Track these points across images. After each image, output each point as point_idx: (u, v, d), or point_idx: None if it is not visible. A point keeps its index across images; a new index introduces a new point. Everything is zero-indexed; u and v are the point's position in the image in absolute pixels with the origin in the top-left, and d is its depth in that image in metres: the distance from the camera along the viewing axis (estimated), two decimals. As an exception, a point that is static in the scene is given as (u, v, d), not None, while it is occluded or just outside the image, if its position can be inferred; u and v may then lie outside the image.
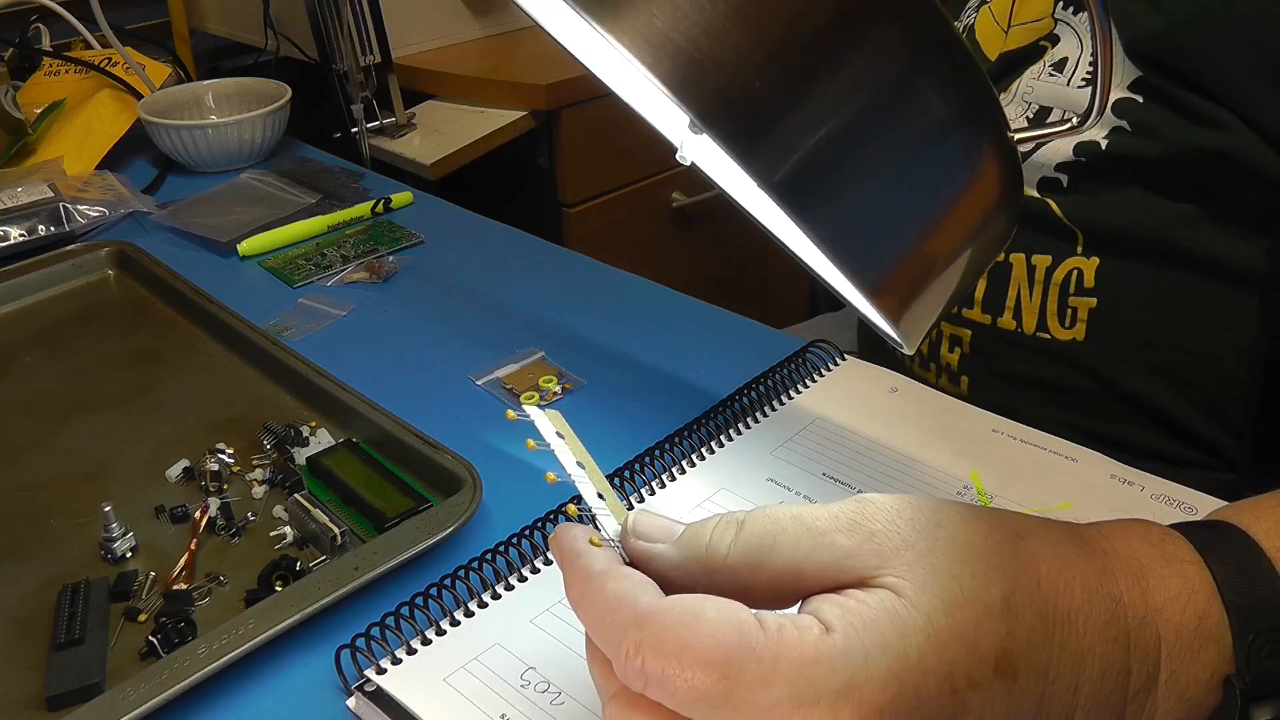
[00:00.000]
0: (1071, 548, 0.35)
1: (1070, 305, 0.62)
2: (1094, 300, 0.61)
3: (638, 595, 0.33)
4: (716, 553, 0.35)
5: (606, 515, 0.38)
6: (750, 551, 0.34)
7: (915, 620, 0.31)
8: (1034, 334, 0.64)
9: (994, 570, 0.33)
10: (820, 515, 0.34)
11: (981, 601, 0.32)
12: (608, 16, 0.30)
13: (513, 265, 0.82)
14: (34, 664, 0.47)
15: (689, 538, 0.36)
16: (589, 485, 0.39)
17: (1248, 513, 0.37)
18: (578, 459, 0.39)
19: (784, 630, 0.31)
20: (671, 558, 0.35)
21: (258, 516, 0.56)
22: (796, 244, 0.47)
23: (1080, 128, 0.39)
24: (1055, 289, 0.62)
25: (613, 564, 0.35)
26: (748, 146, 0.31)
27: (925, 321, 0.39)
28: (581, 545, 0.36)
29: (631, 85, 0.47)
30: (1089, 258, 0.61)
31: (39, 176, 0.92)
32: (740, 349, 0.68)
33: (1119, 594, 0.34)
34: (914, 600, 0.32)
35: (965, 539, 0.34)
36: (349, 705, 0.44)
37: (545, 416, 0.40)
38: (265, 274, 0.82)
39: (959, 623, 0.32)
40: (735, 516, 0.35)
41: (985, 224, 0.38)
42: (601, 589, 0.34)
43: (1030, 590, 0.33)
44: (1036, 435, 0.57)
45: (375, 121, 1.27)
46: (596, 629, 0.34)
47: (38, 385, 0.69)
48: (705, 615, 0.32)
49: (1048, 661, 0.32)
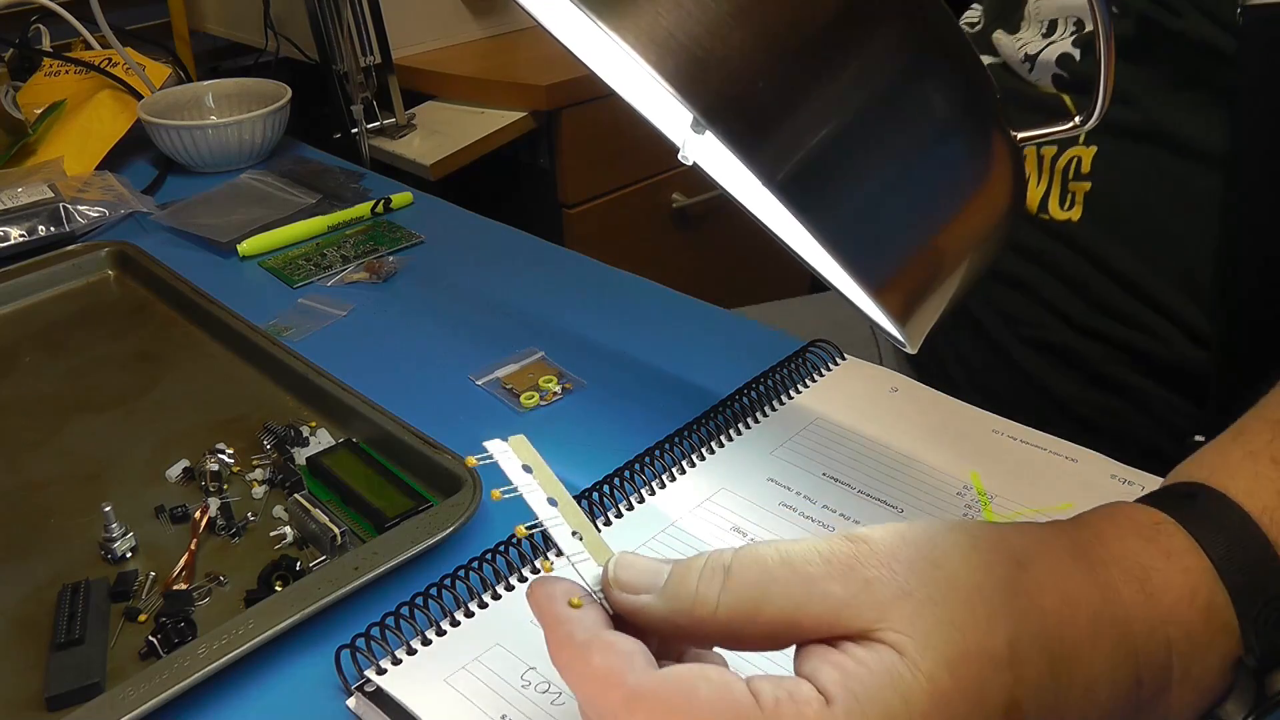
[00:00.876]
0: (1072, 567, 0.34)
1: (1070, 189, 0.66)
2: (1089, 184, 0.65)
3: (625, 672, 0.32)
4: (705, 605, 0.33)
5: (585, 559, 0.35)
6: (741, 603, 0.32)
7: (919, 683, 0.30)
8: (1036, 214, 0.68)
9: (997, 614, 0.32)
10: (812, 559, 0.33)
11: (987, 653, 0.31)
12: (612, 15, 0.30)
13: (513, 265, 0.82)
14: (34, 664, 0.47)
15: (675, 587, 0.34)
16: (563, 527, 0.36)
17: (1221, 471, 0.37)
18: (550, 495, 0.36)
19: (781, 705, 0.30)
20: (659, 611, 0.34)
21: (258, 516, 0.56)
22: (800, 244, 0.47)
23: (1082, 127, 0.39)
24: (1058, 175, 0.66)
25: (597, 630, 0.33)
26: (752, 145, 0.31)
27: (928, 320, 0.39)
28: (560, 609, 0.34)
29: (634, 84, 0.47)
30: (1088, 146, 0.65)
31: (39, 177, 0.92)
32: (740, 349, 0.68)
33: (1124, 613, 0.33)
34: (916, 660, 0.30)
35: (965, 579, 0.32)
36: (349, 705, 0.44)
37: (509, 449, 0.37)
38: (265, 274, 0.82)
39: (964, 679, 0.30)
40: (721, 560, 0.34)
41: (988, 221, 0.38)
42: (587, 662, 0.32)
43: (1036, 630, 0.32)
44: (1036, 435, 0.57)
45: (375, 122, 1.27)
46: (585, 704, 0.33)
47: (38, 385, 0.69)
48: (699, 693, 0.30)
49: (1056, 700, 0.32)
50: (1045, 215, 0.67)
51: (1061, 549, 0.35)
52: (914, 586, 0.32)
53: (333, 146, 1.13)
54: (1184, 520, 0.35)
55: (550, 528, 0.36)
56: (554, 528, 0.36)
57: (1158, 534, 0.35)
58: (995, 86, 0.35)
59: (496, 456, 0.37)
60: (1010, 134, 0.37)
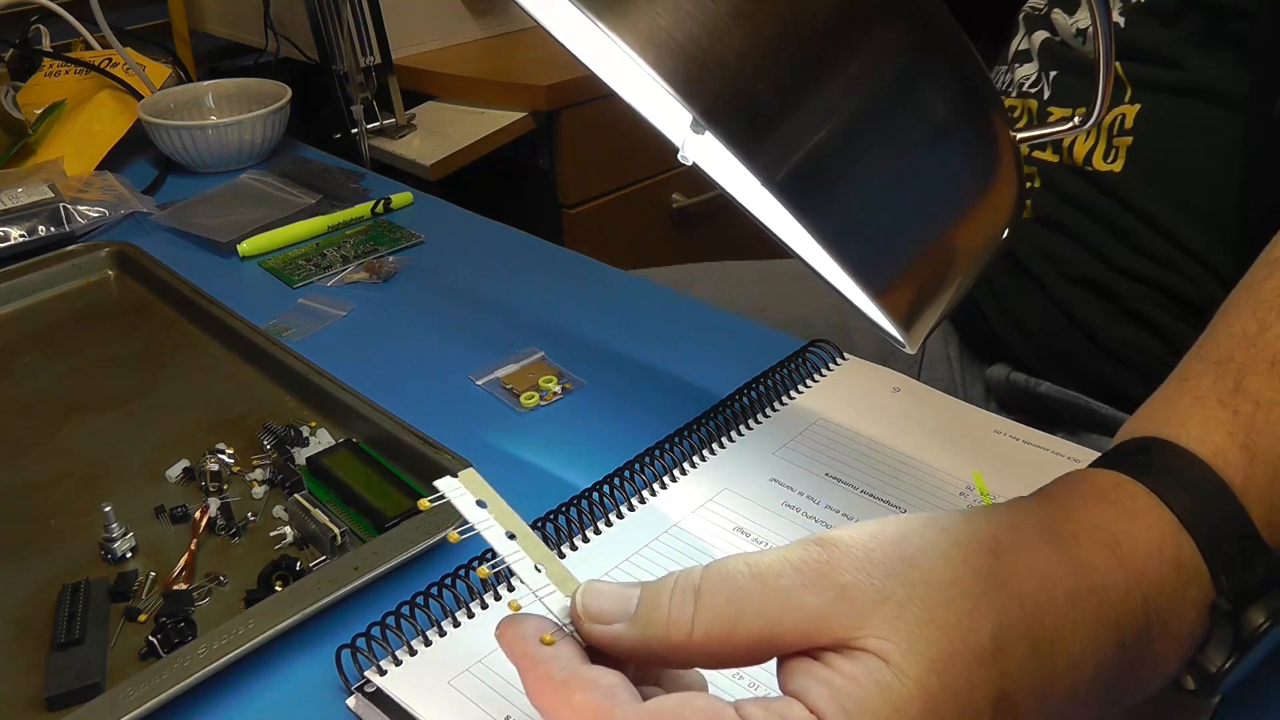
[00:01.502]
0: (1045, 549, 0.34)
1: (1114, 144, 0.68)
2: (1130, 139, 0.67)
3: (611, 709, 0.31)
4: (680, 630, 0.32)
5: (551, 592, 0.35)
6: (715, 625, 0.32)
7: (908, 691, 0.30)
8: (1081, 164, 0.70)
9: (978, 608, 0.31)
10: (783, 570, 0.32)
11: (971, 650, 0.31)
12: (611, 15, 0.30)
13: (513, 265, 0.82)
14: (34, 664, 0.47)
15: (647, 614, 0.33)
16: (525, 561, 0.35)
17: (1172, 422, 0.37)
18: (508, 529, 0.36)
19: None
20: (631, 639, 0.33)
21: (258, 516, 0.56)
22: (800, 244, 0.47)
23: (1082, 127, 0.39)
24: (1104, 131, 0.69)
25: (574, 666, 0.33)
26: (751, 145, 0.31)
27: (928, 321, 0.39)
28: (534, 650, 0.34)
29: (633, 85, 0.47)
30: (1133, 104, 0.68)
31: (39, 177, 0.92)
32: (740, 349, 0.68)
33: (1099, 583, 0.33)
34: (903, 668, 0.30)
35: (942, 575, 0.32)
36: (349, 705, 0.44)
37: (460, 485, 0.37)
38: (265, 274, 0.82)
39: (952, 681, 0.30)
40: (690, 580, 0.33)
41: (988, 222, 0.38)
42: (569, 702, 0.32)
43: (1016, 619, 0.32)
44: (1039, 436, 0.57)
45: (375, 122, 1.27)
46: None
47: (38, 385, 0.69)
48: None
49: (1044, 685, 0.32)
50: (1090, 167, 0.69)
51: (1032, 531, 0.35)
52: (892, 588, 0.31)
53: (333, 146, 1.13)
54: (1141, 477, 0.36)
55: (512, 563, 0.36)
56: (516, 563, 0.36)
57: (1119, 495, 0.36)
58: (993, 86, 0.35)
59: (449, 495, 0.37)
60: (1010, 134, 0.37)
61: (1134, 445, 0.38)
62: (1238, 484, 0.35)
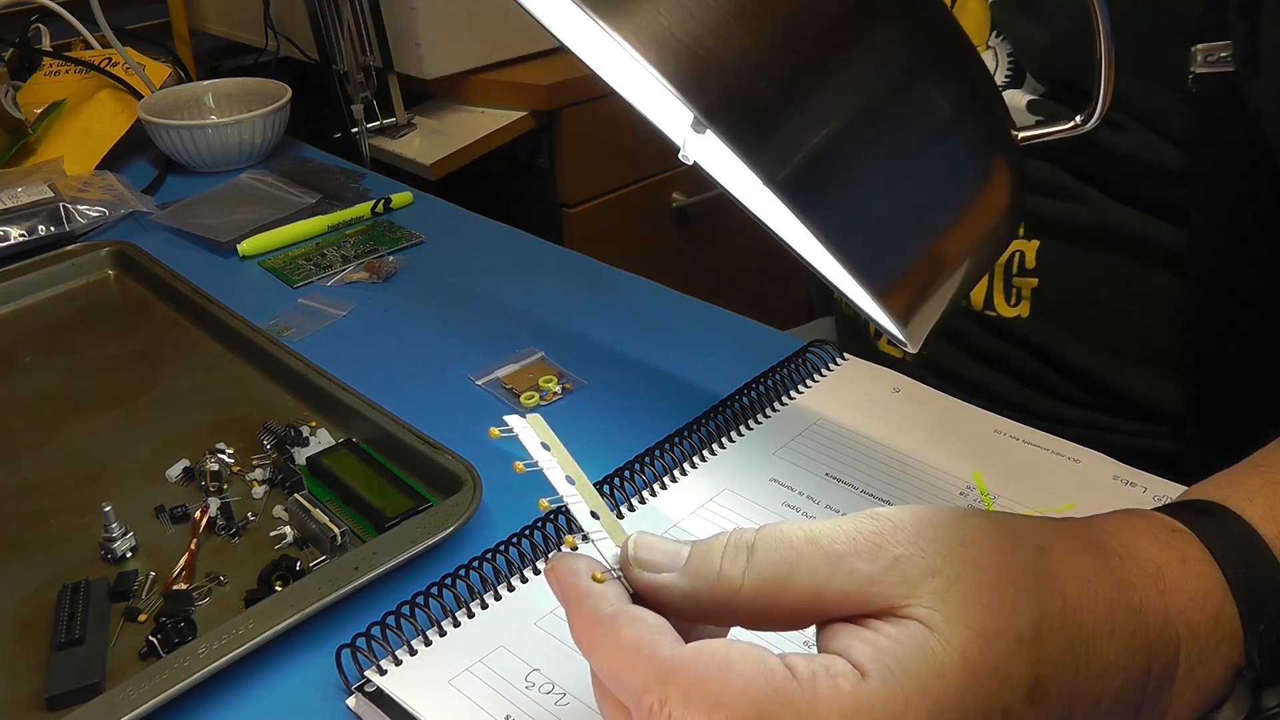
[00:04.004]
0: (1090, 557, 0.34)
1: (1015, 285, 0.66)
2: (1035, 280, 0.65)
3: (658, 644, 0.31)
4: (730, 583, 0.33)
5: (604, 538, 0.35)
6: (766, 581, 0.32)
7: (951, 658, 0.30)
8: (982, 310, 0.67)
9: (1023, 594, 0.32)
10: (837, 537, 0.33)
11: (1014, 630, 0.31)
12: (613, 14, 0.30)
13: (513, 265, 0.82)
14: (34, 664, 0.47)
15: (697, 566, 0.33)
16: (582, 504, 0.36)
17: (1240, 494, 0.37)
18: (567, 474, 0.37)
19: (818, 679, 0.30)
20: (681, 589, 0.33)
21: (258, 516, 0.56)
22: (801, 244, 0.47)
23: (1083, 126, 0.39)
24: (1000, 270, 0.66)
25: (622, 604, 0.33)
26: (753, 144, 0.31)
27: (930, 320, 0.39)
28: (585, 584, 0.34)
29: (634, 84, 0.47)
30: (1029, 240, 0.65)
31: (39, 176, 0.92)
32: (740, 349, 0.68)
33: (1139, 603, 0.34)
34: (947, 636, 0.30)
35: (991, 560, 0.32)
36: (349, 705, 0.44)
37: (529, 425, 0.37)
38: (265, 274, 0.82)
39: (993, 656, 0.31)
40: (745, 539, 0.33)
41: (990, 222, 0.38)
42: (616, 636, 0.32)
43: (1057, 612, 0.32)
44: (1039, 436, 0.57)
45: (375, 122, 1.27)
46: (614, 679, 0.32)
47: (38, 385, 0.69)
48: (734, 667, 0.30)
49: (1075, 682, 0.32)
50: (992, 312, 0.67)
51: (1076, 538, 0.35)
52: (941, 565, 0.32)
53: (333, 146, 1.13)
54: (1199, 531, 0.36)
55: (570, 504, 0.36)
56: (574, 505, 0.36)
57: (1173, 540, 0.36)
58: (995, 85, 0.35)
59: (518, 431, 0.37)
60: (1012, 133, 0.37)
61: (1198, 504, 0.38)
62: None
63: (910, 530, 0.33)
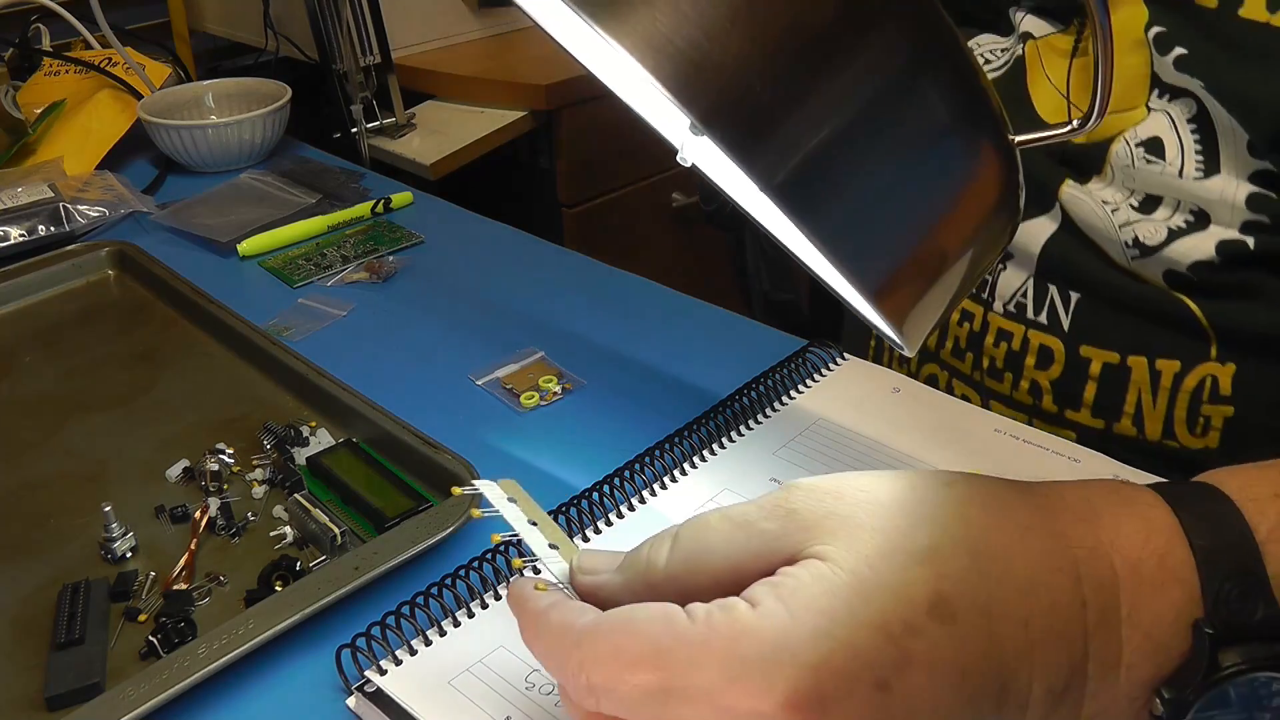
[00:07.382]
0: (1007, 489, 0.35)
1: (1203, 414, 0.57)
2: (1230, 409, 0.56)
3: (576, 619, 0.35)
4: (655, 567, 0.36)
5: (556, 561, 0.39)
6: (687, 558, 0.35)
7: (841, 579, 0.32)
8: (1159, 441, 0.59)
9: (919, 520, 0.33)
10: (747, 509, 0.35)
11: (906, 549, 0.32)
12: (609, 19, 0.30)
13: (513, 265, 0.82)
14: (34, 664, 0.47)
15: (629, 560, 0.37)
16: (539, 536, 0.40)
17: (1223, 473, 0.37)
18: (530, 517, 0.41)
19: (712, 615, 0.32)
20: (616, 583, 0.37)
21: (258, 516, 0.56)
22: (798, 246, 0.47)
23: (1081, 129, 0.39)
24: (1185, 396, 0.58)
25: (557, 599, 0.37)
26: (749, 149, 0.31)
27: (926, 323, 0.39)
28: (528, 591, 0.38)
29: (632, 87, 0.47)
30: (1224, 364, 0.56)
31: (39, 176, 0.92)
32: (740, 349, 0.68)
33: (1061, 530, 0.34)
34: (839, 560, 0.32)
35: (889, 497, 0.34)
36: (349, 705, 0.44)
37: (495, 486, 0.42)
38: (265, 274, 0.82)
39: (884, 572, 0.32)
40: (670, 530, 0.37)
41: (986, 225, 0.38)
42: (546, 622, 0.36)
43: (958, 532, 0.33)
44: (1039, 435, 0.57)
45: (375, 122, 1.27)
46: (547, 661, 0.36)
47: (38, 385, 0.69)
48: (636, 617, 0.33)
49: (988, 598, 0.32)
50: (1172, 442, 0.58)
51: (997, 481, 0.36)
52: (838, 507, 0.34)
53: (333, 146, 1.13)
54: (1164, 493, 0.35)
55: (525, 536, 0.40)
56: (529, 536, 0.40)
57: (1122, 489, 0.36)
58: (990, 88, 0.35)
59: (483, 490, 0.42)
60: (1008, 137, 0.37)
61: (1177, 480, 0.37)
62: (1262, 534, 0.34)
63: (815, 490, 0.35)
